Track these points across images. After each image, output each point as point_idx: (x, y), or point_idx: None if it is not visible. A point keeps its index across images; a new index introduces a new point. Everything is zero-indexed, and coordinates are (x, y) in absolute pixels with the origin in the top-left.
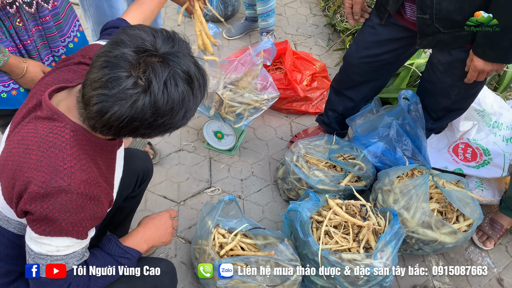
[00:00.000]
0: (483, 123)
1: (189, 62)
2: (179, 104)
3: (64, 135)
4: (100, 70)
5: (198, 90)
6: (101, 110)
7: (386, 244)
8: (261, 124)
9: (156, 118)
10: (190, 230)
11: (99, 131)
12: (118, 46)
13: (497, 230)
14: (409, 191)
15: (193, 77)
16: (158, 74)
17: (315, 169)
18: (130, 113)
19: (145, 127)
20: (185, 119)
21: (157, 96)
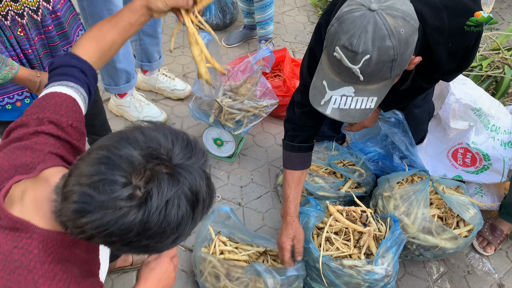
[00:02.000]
0: (481, 125)
1: (201, 181)
2: (173, 229)
3: (31, 250)
4: (95, 165)
5: (200, 213)
6: (79, 211)
7: (387, 250)
8: (261, 131)
9: (141, 239)
10: (190, 238)
11: (69, 230)
12: (127, 144)
13: (497, 236)
14: (409, 197)
15: (200, 200)
16: (162, 190)
17: (315, 176)
18: (112, 227)
19: (123, 244)
20: (173, 244)
21: (151, 216)
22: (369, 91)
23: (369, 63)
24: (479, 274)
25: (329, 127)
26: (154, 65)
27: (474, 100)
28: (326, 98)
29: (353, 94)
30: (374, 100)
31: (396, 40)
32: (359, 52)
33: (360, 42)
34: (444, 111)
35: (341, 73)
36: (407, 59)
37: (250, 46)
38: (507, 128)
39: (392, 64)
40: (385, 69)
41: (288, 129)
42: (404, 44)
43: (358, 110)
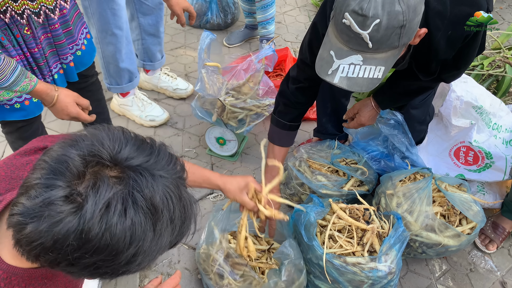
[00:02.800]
0: (483, 123)
1: (161, 187)
2: (122, 241)
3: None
4: (34, 172)
5: (168, 227)
6: (17, 224)
7: (391, 247)
8: (263, 130)
9: (83, 254)
10: (193, 236)
11: (24, 255)
12: (68, 147)
13: (499, 234)
14: (412, 195)
15: (160, 208)
16: (99, 191)
17: (317, 174)
18: (45, 238)
19: (67, 264)
20: (132, 264)
21: (88, 223)
22: (377, 59)
23: (379, 28)
24: (482, 272)
25: (332, 125)
26: (156, 65)
27: (475, 98)
28: (334, 67)
29: (361, 63)
30: (382, 70)
31: (406, 6)
32: (370, 16)
33: (371, 6)
34: (446, 108)
35: (350, 40)
36: (414, 27)
37: (252, 45)
38: (509, 127)
39: (401, 30)
40: (394, 35)
41: (279, 104)
42: (413, 10)
43: (365, 79)
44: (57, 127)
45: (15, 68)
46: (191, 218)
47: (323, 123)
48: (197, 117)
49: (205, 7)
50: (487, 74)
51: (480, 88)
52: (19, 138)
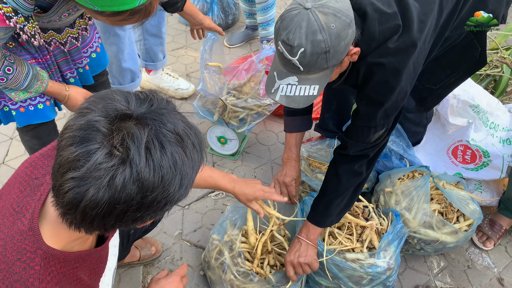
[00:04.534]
0: (480, 122)
1: (175, 119)
2: (170, 171)
3: (33, 265)
4: (65, 149)
5: (193, 150)
6: (73, 199)
7: (389, 243)
8: (263, 129)
9: (145, 194)
10: (195, 234)
11: (82, 228)
12: (83, 115)
13: (496, 231)
14: (410, 192)
15: (183, 136)
16: (136, 138)
17: (318, 172)
18: (109, 194)
19: (134, 210)
20: (182, 188)
21: (139, 166)
22: (310, 80)
23: (305, 55)
24: (479, 268)
25: (333, 122)
26: (158, 65)
27: (472, 97)
28: (275, 86)
29: (296, 83)
30: (317, 88)
31: (327, 34)
32: (295, 45)
33: (296, 37)
34: (443, 106)
35: (286, 64)
36: (341, 50)
37: (252, 46)
38: (506, 126)
39: (326, 55)
40: (321, 60)
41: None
42: (336, 37)
43: (302, 97)
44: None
45: (27, 74)
46: (203, 141)
47: (325, 119)
48: (199, 117)
49: (206, 8)
50: (484, 74)
51: (477, 87)
52: (34, 137)
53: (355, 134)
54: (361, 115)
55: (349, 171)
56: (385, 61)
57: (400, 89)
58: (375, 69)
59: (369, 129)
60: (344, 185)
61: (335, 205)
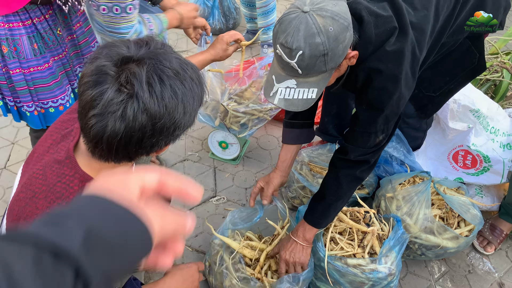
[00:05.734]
0: (480, 126)
1: (170, 57)
2: (172, 100)
3: (73, 185)
4: (84, 94)
5: (191, 82)
6: (97, 133)
7: (390, 249)
8: (264, 134)
9: (154, 121)
10: (196, 239)
11: (111, 160)
12: (92, 62)
13: (497, 235)
14: (411, 198)
15: (179, 70)
16: (137, 75)
17: (319, 177)
18: (124, 124)
19: (149, 136)
20: (186, 115)
21: (144, 98)
22: (309, 83)
23: (303, 58)
24: (480, 273)
25: (333, 126)
26: None
27: (472, 101)
28: (274, 90)
29: (295, 86)
30: (315, 91)
31: (325, 37)
32: (293, 48)
33: (294, 39)
34: (443, 111)
35: (284, 67)
36: (339, 53)
37: (253, 50)
38: (506, 131)
39: (325, 58)
40: (319, 63)
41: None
42: (334, 40)
43: (300, 100)
44: None
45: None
46: (200, 75)
47: (325, 122)
48: (200, 121)
49: (207, 12)
50: (484, 79)
51: (477, 92)
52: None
53: (355, 139)
54: (361, 121)
55: (350, 176)
56: (383, 67)
57: (399, 95)
58: (373, 75)
59: (369, 134)
60: (344, 189)
61: (334, 208)
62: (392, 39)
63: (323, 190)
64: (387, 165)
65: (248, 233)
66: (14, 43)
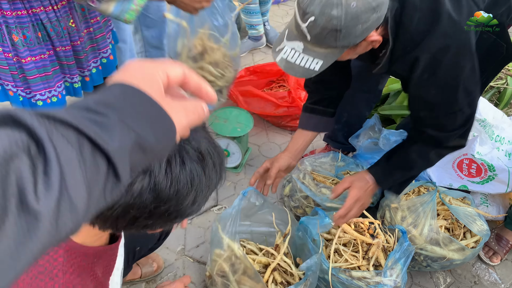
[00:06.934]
0: (486, 135)
1: (200, 137)
2: (186, 186)
3: (57, 257)
4: None
5: (213, 170)
6: None
7: (396, 261)
8: (266, 141)
9: (159, 204)
10: (197, 249)
11: (97, 225)
12: None
13: (503, 246)
14: (416, 209)
15: (206, 155)
16: None
17: (322, 187)
18: (125, 199)
19: (145, 217)
20: (195, 205)
21: (158, 177)
22: (315, 52)
23: (314, 25)
24: (486, 284)
25: (343, 134)
26: None
27: (479, 111)
28: (281, 46)
29: (301, 51)
30: (320, 64)
31: (343, 12)
32: (307, 11)
33: (310, 2)
34: None
35: (297, 27)
36: (356, 34)
37: (254, 56)
38: (511, 139)
39: (337, 34)
40: (330, 36)
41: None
42: (352, 18)
43: (301, 68)
44: None
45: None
46: (224, 161)
47: (335, 130)
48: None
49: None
50: (488, 86)
51: (483, 100)
52: None
53: (443, 125)
54: (440, 104)
55: (441, 156)
56: (450, 42)
57: (472, 65)
58: (440, 55)
59: (455, 114)
60: (432, 165)
61: (413, 178)
62: (442, 22)
63: (409, 163)
64: None
65: (249, 244)
66: (22, 31)
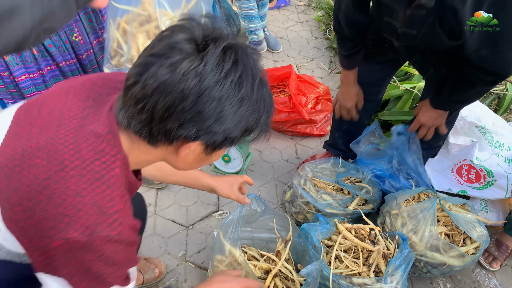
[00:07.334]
0: (485, 141)
1: (260, 66)
2: (231, 87)
3: (114, 167)
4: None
5: (261, 88)
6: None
7: (396, 268)
8: (267, 147)
9: (198, 98)
10: (199, 255)
11: (148, 135)
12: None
13: (503, 251)
14: (416, 215)
15: (260, 75)
16: (219, 40)
17: (323, 193)
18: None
19: (184, 109)
20: (233, 119)
21: (208, 64)
22: None
23: None
24: None
25: (343, 142)
26: None
27: (478, 117)
28: None
29: None
30: None
31: None
32: None
33: None
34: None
35: None
36: None
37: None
38: (511, 145)
39: None
40: None
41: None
42: None
43: None
44: None
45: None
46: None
47: (335, 138)
48: None
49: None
50: (488, 92)
51: (483, 107)
52: None
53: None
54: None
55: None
56: None
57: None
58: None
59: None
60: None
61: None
62: None
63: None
64: (393, 180)
65: (250, 250)
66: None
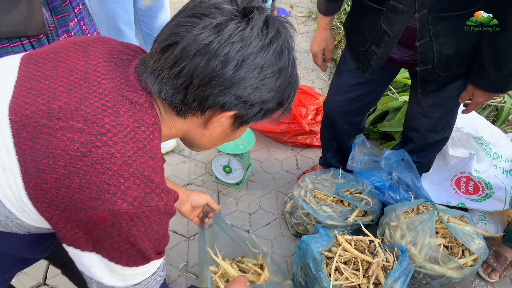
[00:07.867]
0: (483, 153)
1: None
2: (273, 56)
3: (153, 138)
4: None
5: (294, 65)
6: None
7: (395, 280)
8: (267, 157)
9: (245, 59)
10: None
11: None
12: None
13: (501, 263)
14: (415, 227)
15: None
16: (262, 10)
17: (323, 204)
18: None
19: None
20: (260, 87)
21: (254, 29)
22: None
23: None
24: None
25: (336, 160)
26: None
27: (475, 129)
28: None
29: None
30: None
31: None
32: None
33: None
34: None
35: None
36: None
37: None
38: (509, 156)
39: None
40: None
41: None
42: None
43: None
44: None
45: None
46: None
47: (327, 158)
48: None
49: None
50: (486, 104)
51: (480, 118)
52: None
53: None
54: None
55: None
56: None
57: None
58: None
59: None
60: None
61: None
62: None
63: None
64: (393, 192)
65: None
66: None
